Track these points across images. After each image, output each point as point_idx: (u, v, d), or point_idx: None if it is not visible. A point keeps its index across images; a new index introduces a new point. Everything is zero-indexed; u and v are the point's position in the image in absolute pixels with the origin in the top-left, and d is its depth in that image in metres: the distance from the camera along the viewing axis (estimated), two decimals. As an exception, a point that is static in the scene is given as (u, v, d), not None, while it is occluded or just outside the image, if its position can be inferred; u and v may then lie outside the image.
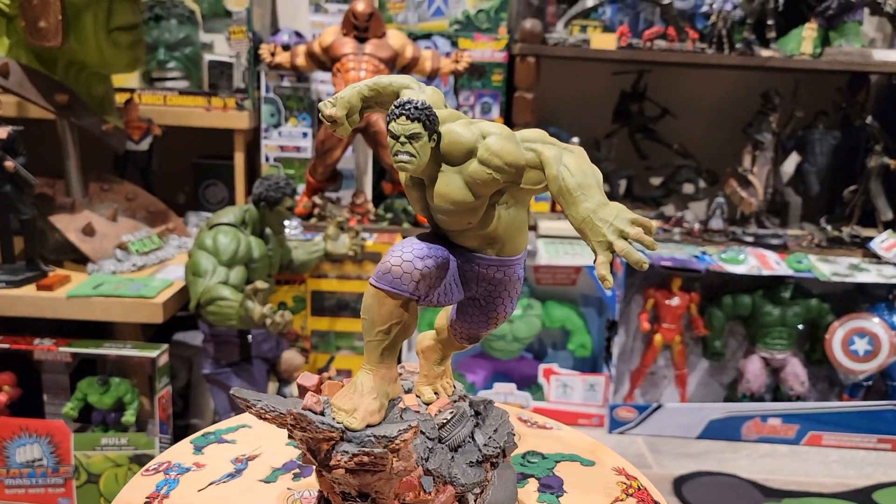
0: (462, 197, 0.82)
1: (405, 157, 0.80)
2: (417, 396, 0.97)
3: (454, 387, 1.00)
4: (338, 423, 0.81)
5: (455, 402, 0.97)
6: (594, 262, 0.75)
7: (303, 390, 0.87)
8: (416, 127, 0.79)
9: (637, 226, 0.74)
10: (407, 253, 0.83)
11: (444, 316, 0.99)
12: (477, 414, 0.99)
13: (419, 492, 0.86)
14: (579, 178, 0.77)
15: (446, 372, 1.01)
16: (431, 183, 0.84)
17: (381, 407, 0.84)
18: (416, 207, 0.90)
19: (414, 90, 0.87)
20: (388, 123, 0.80)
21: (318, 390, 0.87)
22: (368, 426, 0.82)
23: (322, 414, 0.82)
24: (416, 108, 0.79)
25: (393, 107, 0.80)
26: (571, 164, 0.78)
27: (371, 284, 0.84)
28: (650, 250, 0.75)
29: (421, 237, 0.88)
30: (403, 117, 0.79)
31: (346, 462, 0.79)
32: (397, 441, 0.79)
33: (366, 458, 0.79)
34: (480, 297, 0.92)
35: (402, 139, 0.80)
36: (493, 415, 1.01)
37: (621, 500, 1.02)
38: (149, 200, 2.37)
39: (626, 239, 0.74)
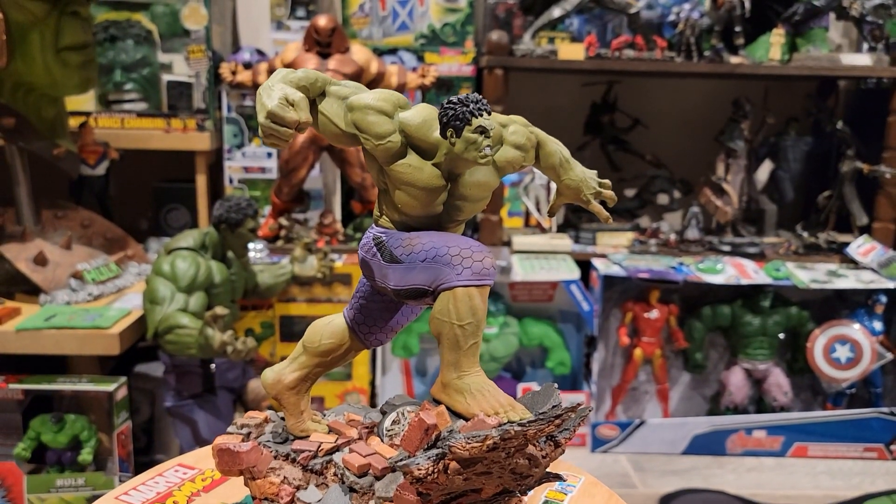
0: (496, 182, 0.88)
1: (490, 151, 0.81)
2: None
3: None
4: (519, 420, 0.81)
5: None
6: (590, 208, 0.93)
7: (433, 428, 0.82)
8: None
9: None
10: (480, 245, 0.84)
11: (329, 335, 0.97)
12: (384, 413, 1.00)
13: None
14: (567, 149, 0.94)
15: None
16: (458, 176, 0.85)
17: None
18: (429, 208, 0.86)
19: (340, 87, 0.85)
20: (467, 120, 0.79)
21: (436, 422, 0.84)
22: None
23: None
24: (487, 102, 0.81)
25: (470, 103, 0.79)
26: (553, 138, 0.93)
27: (476, 285, 0.82)
28: (610, 204, 0.95)
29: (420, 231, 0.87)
30: (485, 112, 0.80)
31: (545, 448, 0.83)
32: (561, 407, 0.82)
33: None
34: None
35: (489, 133, 0.80)
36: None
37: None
38: (105, 227, 2.28)
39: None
